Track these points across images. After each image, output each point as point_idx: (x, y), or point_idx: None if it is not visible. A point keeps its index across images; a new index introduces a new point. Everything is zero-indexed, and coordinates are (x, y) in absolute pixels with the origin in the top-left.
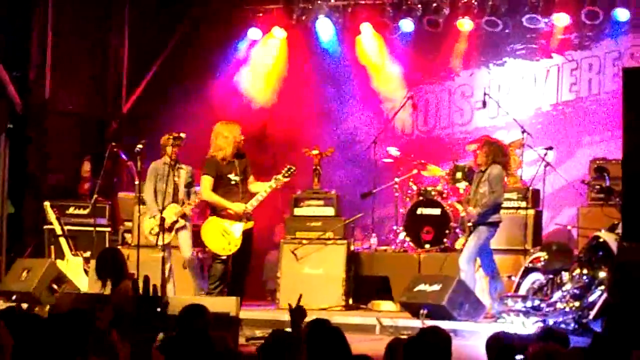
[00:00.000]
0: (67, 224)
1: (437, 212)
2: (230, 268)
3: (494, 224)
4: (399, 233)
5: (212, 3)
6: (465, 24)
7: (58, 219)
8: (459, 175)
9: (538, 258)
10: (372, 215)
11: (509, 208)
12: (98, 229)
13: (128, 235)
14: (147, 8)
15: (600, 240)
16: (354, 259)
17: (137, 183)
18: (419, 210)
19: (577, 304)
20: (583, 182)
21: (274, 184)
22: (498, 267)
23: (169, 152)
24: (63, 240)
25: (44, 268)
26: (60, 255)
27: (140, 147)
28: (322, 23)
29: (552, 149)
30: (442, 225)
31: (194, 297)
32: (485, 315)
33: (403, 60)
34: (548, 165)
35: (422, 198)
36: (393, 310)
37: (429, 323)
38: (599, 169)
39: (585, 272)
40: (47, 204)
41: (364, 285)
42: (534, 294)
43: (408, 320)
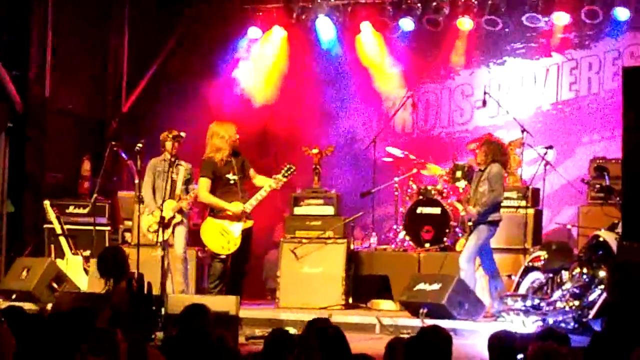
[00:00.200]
0: (67, 223)
1: (437, 211)
2: (230, 267)
3: (494, 223)
4: (399, 232)
5: (211, 2)
6: (465, 23)
7: (58, 218)
8: (459, 175)
9: (538, 257)
10: (372, 215)
11: (509, 207)
12: (98, 228)
13: (128, 234)
14: (146, 7)
15: (600, 240)
16: (354, 258)
17: (136, 182)
18: (419, 210)
19: (577, 303)
20: (583, 181)
21: (274, 184)
22: (498, 266)
23: (169, 148)
24: (63, 240)
25: (44, 267)
26: (60, 255)
27: (140, 146)
28: (322, 22)
29: (552, 148)
30: (442, 225)
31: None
32: (485, 315)
33: (403, 60)
34: (548, 165)
35: (422, 197)
36: (393, 310)
37: (429, 322)
38: (599, 168)
39: (585, 271)
40: (47, 203)
41: (364, 285)
42: (534, 293)
43: (408, 320)
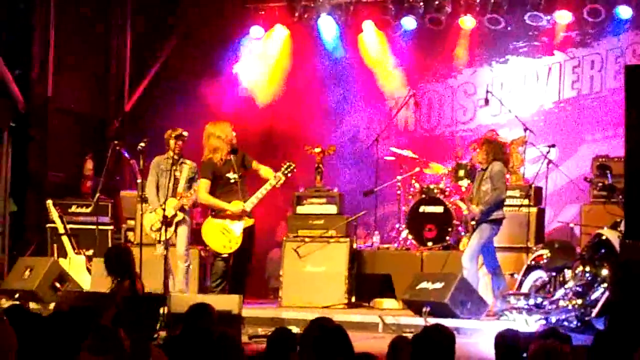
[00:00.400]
0: (69, 222)
1: (439, 210)
2: (232, 266)
3: (497, 221)
4: (402, 231)
5: (214, 1)
6: (467, 22)
7: (60, 217)
8: (462, 173)
9: (541, 256)
10: (374, 213)
11: (512, 206)
12: (100, 228)
13: (130, 234)
14: (148, 6)
15: (603, 238)
16: (357, 257)
17: (139, 181)
18: (422, 208)
19: (579, 302)
20: (585, 179)
21: (274, 182)
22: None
23: (172, 146)
24: (65, 239)
25: (47, 266)
26: (63, 254)
27: (143, 145)
28: (324, 21)
29: (554, 147)
30: (444, 223)
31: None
32: (488, 313)
33: (405, 58)
34: (550, 163)
35: (424, 196)
36: (395, 308)
37: (432, 321)
38: (602, 167)
39: (588, 269)
40: (49, 202)
41: (367, 283)
42: (537, 292)
43: (411, 318)
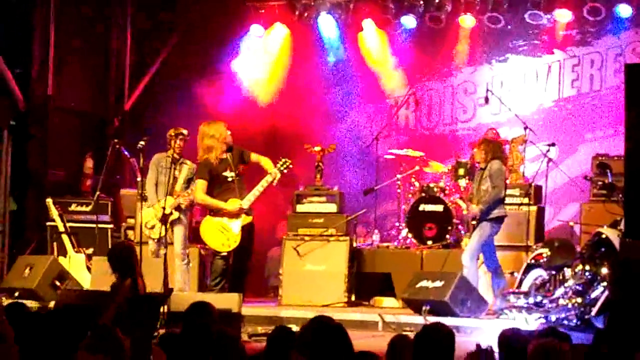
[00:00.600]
0: (69, 221)
1: (439, 208)
2: (232, 264)
3: (498, 219)
4: (402, 229)
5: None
6: (467, 21)
7: (60, 216)
8: (461, 172)
9: (540, 254)
10: (374, 212)
11: (512, 204)
12: (100, 226)
13: (130, 232)
14: (149, 5)
15: (603, 237)
16: (357, 256)
17: (139, 180)
18: (422, 207)
19: (579, 300)
20: (585, 178)
21: (270, 178)
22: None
23: (174, 145)
24: (65, 237)
25: (47, 265)
26: (63, 252)
27: (143, 144)
28: (324, 19)
29: (554, 145)
30: (444, 222)
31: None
32: (488, 312)
33: (405, 57)
34: (550, 162)
35: (424, 194)
36: (395, 307)
37: (432, 319)
38: (601, 165)
39: (588, 268)
40: (49, 201)
41: (366, 282)
42: (537, 290)
43: (410, 317)
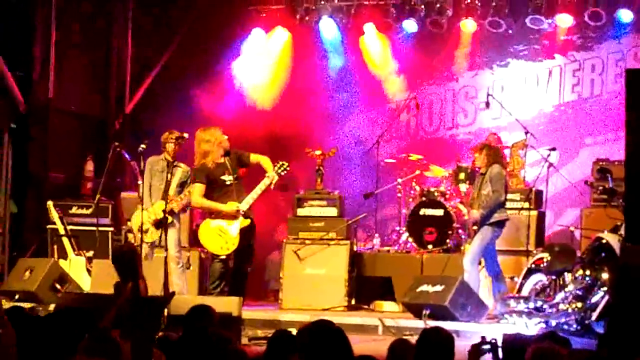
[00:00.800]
0: (69, 224)
1: (439, 213)
2: (232, 267)
3: (499, 224)
4: (402, 234)
5: (215, 3)
6: (469, 25)
7: (61, 219)
8: (462, 176)
9: (541, 259)
10: (374, 216)
11: (512, 209)
12: (101, 229)
13: (131, 235)
14: (150, 9)
15: (603, 242)
16: (357, 260)
17: (140, 183)
18: (422, 211)
19: (579, 305)
20: (586, 183)
21: (268, 181)
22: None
23: (169, 149)
24: (66, 240)
25: (47, 268)
26: (63, 255)
27: (143, 147)
28: (325, 23)
29: (555, 150)
30: (444, 226)
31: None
32: (488, 316)
33: (406, 61)
34: (551, 166)
35: (424, 199)
36: (395, 311)
37: (432, 324)
38: (602, 170)
39: (588, 273)
40: (50, 204)
41: (367, 286)
42: (537, 295)
43: (410, 321)
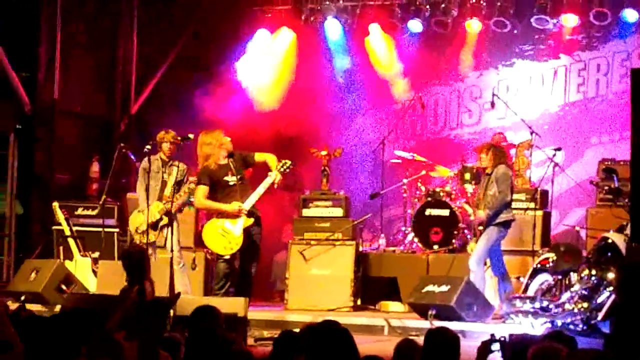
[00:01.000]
0: (75, 225)
1: (445, 213)
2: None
3: (505, 224)
4: (408, 234)
5: (220, 4)
6: (474, 25)
7: (66, 220)
8: (468, 177)
9: (546, 259)
10: (380, 216)
11: (518, 209)
12: (106, 230)
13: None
14: (156, 10)
15: (609, 241)
16: (363, 260)
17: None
18: (428, 211)
19: (585, 305)
20: (591, 182)
21: (270, 180)
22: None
23: (165, 149)
24: (71, 241)
25: (53, 269)
26: (69, 256)
27: (149, 147)
28: (330, 24)
29: (560, 150)
30: (450, 226)
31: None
32: (494, 316)
33: (411, 61)
34: (556, 166)
35: (430, 199)
36: (401, 311)
37: (438, 324)
38: (608, 170)
39: (594, 273)
40: (55, 205)
41: (372, 286)
42: (543, 295)
43: (416, 321)
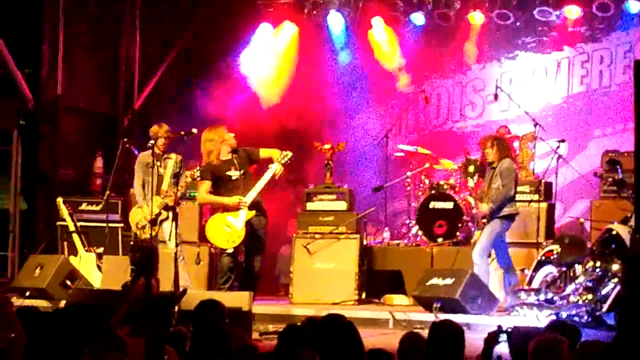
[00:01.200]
0: (79, 220)
1: (449, 205)
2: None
3: (508, 217)
4: (412, 227)
5: None
6: (477, 18)
7: (71, 215)
8: (471, 169)
9: (551, 251)
10: (384, 210)
11: (522, 201)
12: (111, 225)
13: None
14: (158, 5)
15: (613, 233)
16: (367, 253)
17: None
18: (432, 204)
19: (590, 297)
20: (595, 174)
21: (272, 172)
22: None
23: (159, 143)
24: (76, 237)
25: (57, 264)
26: (73, 252)
27: (153, 142)
28: (333, 17)
29: (564, 142)
30: (454, 219)
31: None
32: (499, 309)
33: (414, 54)
34: (560, 158)
35: (434, 192)
36: (406, 304)
37: (442, 317)
38: (612, 162)
39: (598, 264)
40: (59, 200)
41: (377, 280)
42: (547, 287)
43: (421, 314)
